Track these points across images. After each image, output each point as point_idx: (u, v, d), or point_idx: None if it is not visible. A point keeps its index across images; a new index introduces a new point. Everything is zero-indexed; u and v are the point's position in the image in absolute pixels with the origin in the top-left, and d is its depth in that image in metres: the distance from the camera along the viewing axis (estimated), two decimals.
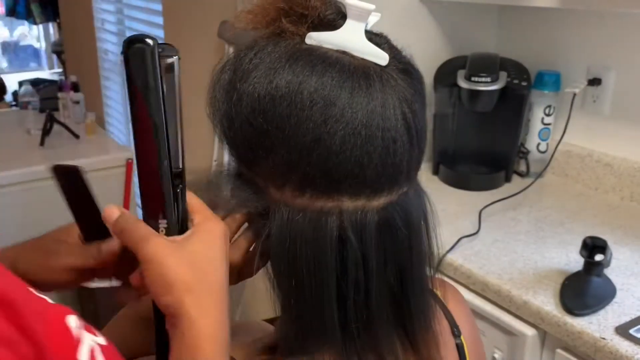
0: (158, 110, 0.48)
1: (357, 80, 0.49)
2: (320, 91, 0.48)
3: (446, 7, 1.67)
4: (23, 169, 2.34)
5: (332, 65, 0.49)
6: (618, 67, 1.52)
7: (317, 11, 0.52)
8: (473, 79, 1.53)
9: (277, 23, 0.52)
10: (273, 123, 0.49)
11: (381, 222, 0.51)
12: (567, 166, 1.63)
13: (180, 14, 2.37)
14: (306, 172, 0.49)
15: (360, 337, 0.53)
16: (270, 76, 0.50)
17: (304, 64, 0.49)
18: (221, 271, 0.49)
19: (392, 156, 0.50)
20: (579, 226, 1.36)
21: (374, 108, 0.48)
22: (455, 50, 1.72)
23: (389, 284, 0.53)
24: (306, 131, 0.48)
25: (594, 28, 1.55)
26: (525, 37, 1.73)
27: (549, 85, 1.59)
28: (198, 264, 0.48)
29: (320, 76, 0.48)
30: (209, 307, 0.47)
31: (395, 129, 0.50)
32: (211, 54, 2.14)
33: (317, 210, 0.50)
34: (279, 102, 0.49)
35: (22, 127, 2.82)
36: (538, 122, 1.62)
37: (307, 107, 0.48)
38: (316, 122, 0.48)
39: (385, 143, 0.49)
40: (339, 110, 0.48)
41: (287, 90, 0.48)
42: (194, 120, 2.51)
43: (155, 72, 0.47)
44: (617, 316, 1.02)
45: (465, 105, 1.61)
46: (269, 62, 0.50)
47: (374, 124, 0.48)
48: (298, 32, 0.51)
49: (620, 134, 1.54)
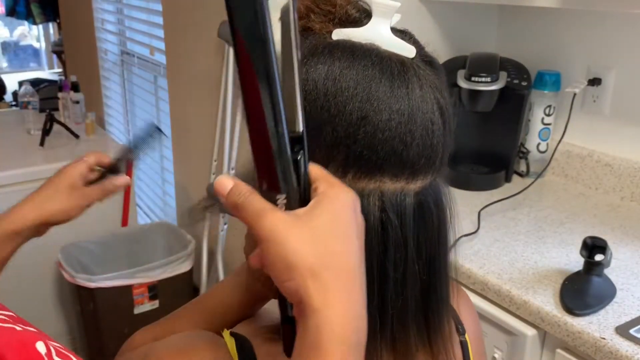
0: (267, 64, 0.39)
1: (396, 65, 0.51)
2: (363, 72, 0.49)
3: (446, 7, 1.67)
4: (23, 169, 2.34)
5: (370, 51, 0.51)
6: (618, 66, 1.52)
7: (343, 9, 0.53)
8: (473, 79, 1.53)
9: (304, 20, 0.54)
10: (317, 103, 0.50)
11: (417, 205, 0.52)
12: (567, 166, 1.63)
13: (180, 14, 2.37)
14: (352, 149, 0.50)
15: (394, 324, 0.53)
16: (309, 62, 0.51)
17: (343, 50, 0.51)
18: (352, 249, 0.42)
19: (430, 137, 0.51)
20: (579, 226, 1.36)
21: (413, 90, 0.50)
22: (455, 50, 1.72)
23: (420, 272, 0.54)
24: (353, 109, 0.49)
25: (594, 28, 1.55)
26: (525, 37, 1.73)
27: (549, 85, 1.59)
28: (324, 241, 0.41)
29: (362, 59, 0.50)
30: (336, 296, 0.40)
31: (432, 111, 0.52)
32: (211, 54, 2.14)
33: (359, 191, 0.50)
34: (323, 84, 0.50)
35: (22, 127, 2.82)
36: (538, 122, 1.62)
37: (352, 87, 0.49)
38: (362, 100, 0.49)
39: (425, 124, 0.51)
40: (383, 91, 0.49)
41: (330, 73, 0.50)
42: (195, 118, 2.51)
43: (263, 14, 0.39)
44: (617, 316, 1.02)
45: (465, 105, 1.61)
46: (304, 51, 0.52)
47: (415, 105, 0.50)
48: (325, 29, 0.53)
49: (621, 133, 1.54)
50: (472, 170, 1.66)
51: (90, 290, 2.09)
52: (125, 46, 3.13)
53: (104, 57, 3.33)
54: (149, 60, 2.84)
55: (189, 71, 2.38)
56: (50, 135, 2.61)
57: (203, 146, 2.32)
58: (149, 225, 2.57)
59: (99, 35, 3.31)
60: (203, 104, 2.29)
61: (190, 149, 2.53)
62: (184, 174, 2.64)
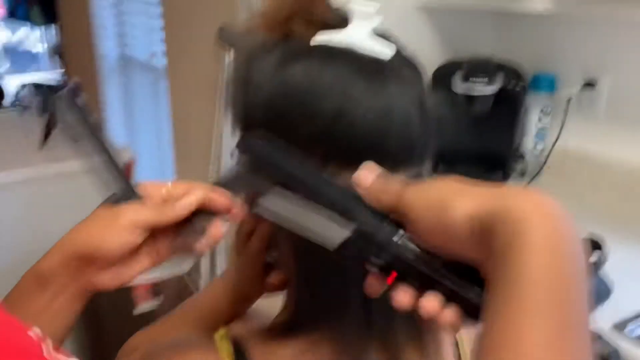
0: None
1: (371, 64, 0.52)
2: (339, 72, 0.51)
3: (442, 13, 1.69)
4: (23, 169, 2.36)
5: (345, 53, 0.52)
6: (613, 70, 1.53)
7: (324, 14, 0.55)
8: (470, 80, 1.55)
9: (286, 25, 0.55)
10: (295, 102, 0.51)
11: None
12: (563, 167, 1.65)
13: (179, 18, 2.38)
14: (331, 143, 0.51)
15: (382, 322, 0.54)
16: (288, 64, 0.52)
17: (319, 53, 0.52)
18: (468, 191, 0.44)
19: (409, 131, 0.52)
20: None
21: (389, 87, 0.52)
22: (451, 54, 1.74)
23: None
24: (329, 104, 0.50)
25: (589, 31, 1.57)
26: (521, 40, 1.74)
27: (544, 87, 1.61)
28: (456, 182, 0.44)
29: (338, 60, 0.52)
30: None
31: (409, 106, 0.53)
32: (210, 58, 2.16)
33: None
34: (300, 83, 0.51)
35: (23, 128, 2.83)
36: (534, 123, 1.64)
37: (328, 85, 0.51)
38: (339, 95, 0.50)
39: (402, 116, 0.52)
40: (358, 88, 0.51)
41: (307, 73, 0.51)
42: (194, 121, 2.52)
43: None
44: (613, 314, 1.03)
45: (462, 107, 1.62)
46: (284, 54, 0.53)
47: (391, 101, 0.52)
48: (307, 34, 0.54)
49: (615, 135, 1.55)
50: (468, 171, 1.67)
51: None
52: (125, 49, 3.14)
53: (104, 60, 3.35)
54: (149, 63, 2.86)
55: (189, 74, 2.40)
56: (50, 137, 2.62)
57: (203, 148, 2.33)
58: None
59: (99, 39, 3.32)
60: (203, 107, 2.31)
61: (190, 151, 2.55)
62: (184, 176, 2.66)
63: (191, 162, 2.55)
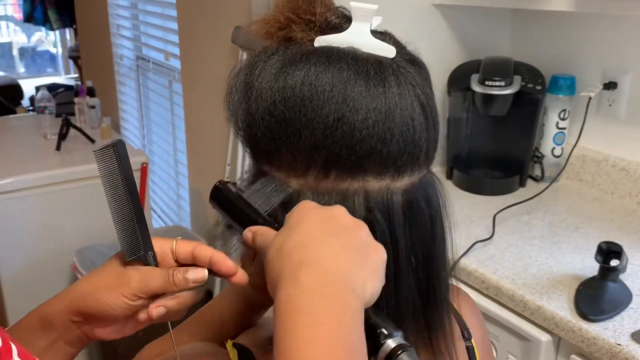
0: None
1: (372, 66, 0.52)
2: (338, 75, 0.50)
3: (459, 11, 1.67)
4: (39, 172, 2.37)
5: (346, 54, 0.52)
6: (634, 70, 1.50)
7: (323, 17, 0.54)
8: (487, 83, 1.53)
9: (286, 30, 0.55)
10: (295, 109, 0.51)
11: (406, 203, 0.53)
12: (582, 171, 1.62)
13: (194, 20, 2.38)
14: (331, 151, 0.50)
15: None
16: (287, 70, 0.52)
17: (319, 56, 0.52)
18: (309, 228, 0.50)
19: (411, 133, 0.52)
20: (594, 231, 1.35)
21: (390, 88, 0.51)
22: (468, 55, 1.72)
23: (416, 272, 0.54)
24: (329, 111, 0.50)
25: (609, 31, 1.54)
26: (540, 41, 1.72)
27: (563, 89, 1.58)
28: (289, 231, 0.50)
29: (337, 63, 0.51)
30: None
31: (412, 107, 0.52)
32: (225, 59, 2.16)
33: (342, 192, 0.51)
34: (300, 89, 0.51)
35: (39, 131, 2.85)
36: (553, 126, 1.61)
37: (328, 90, 0.50)
38: (338, 101, 0.50)
39: (404, 120, 0.51)
40: (358, 91, 0.50)
41: (307, 78, 0.51)
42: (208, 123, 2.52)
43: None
44: (632, 322, 1.01)
45: (479, 109, 1.60)
46: (284, 60, 0.53)
47: (392, 102, 0.51)
48: (307, 38, 0.54)
49: (637, 138, 1.52)
50: (486, 174, 1.65)
51: None
52: (141, 51, 3.16)
53: (120, 62, 3.36)
54: (164, 65, 2.87)
55: (204, 76, 2.40)
56: (66, 140, 2.64)
57: (217, 150, 2.33)
58: (164, 229, 2.59)
59: (115, 41, 3.34)
60: (217, 109, 2.30)
61: (204, 154, 2.55)
62: (198, 178, 2.66)
63: (205, 163, 2.55)
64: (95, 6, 3.46)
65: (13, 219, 2.33)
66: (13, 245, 2.35)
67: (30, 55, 7.50)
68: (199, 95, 2.47)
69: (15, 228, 2.35)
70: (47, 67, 7.52)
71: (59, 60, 7.48)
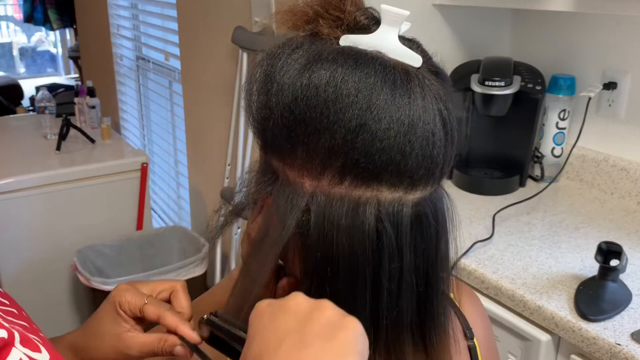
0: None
1: (399, 74, 0.50)
2: (365, 80, 0.49)
3: (459, 11, 1.67)
4: (40, 173, 2.37)
5: (374, 59, 0.50)
6: (634, 70, 1.51)
7: (352, 15, 0.53)
8: (487, 83, 1.53)
9: (313, 24, 0.54)
10: (317, 109, 0.50)
11: (414, 216, 0.52)
12: (582, 170, 1.62)
13: (194, 20, 2.38)
14: (349, 157, 0.49)
15: (388, 335, 0.53)
16: (312, 67, 0.51)
17: (347, 58, 0.50)
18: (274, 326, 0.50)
19: (430, 148, 0.51)
20: (594, 231, 1.35)
21: (415, 100, 0.50)
22: (468, 55, 1.72)
23: (417, 283, 0.53)
24: (352, 116, 0.49)
25: (609, 31, 1.54)
26: (540, 41, 1.72)
27: (563, 89, 1.58)
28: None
29: (364, 67, 0.50)
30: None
31: (434, 122, 0.51)
32: (225, 59, 2.16)
33: (355, 199, 0.50)
34: (324, 90, 0.50)
35: (39, 131, 2.85)
36: (552, 126, 1.61)
37: (353, 94, 0.49)
38: (362, 108, 0.49)
39: (426, 134, 0.50)
40: (384, 99, 0.49)
41: (332, 79, 0.50)
42: (208, 123, 2.52)
43: None
44: (632, 322, 1.01)
45: (479, 109, 1.61)
46: (309, 56, 0.52)
47: (416, 115, 0.50)
48: (333, 35, 0.53)
49: (637, 138, 1.52)
50: (486, 174, 1.65)
51: (105, 293, 2.10)
52: (141, 52, 3.16)
53: (120, 62, 3.37)
54: (164, 65, 2.87)
55: (204, 76, 2.40)
56: (66, 140, 2.64)
57: (217, 150, 2.33)
58: (164, 229, 2.58)
59: (115, 41, 3.34)
60: (217, 109, 2.31)
61: (204, 154, 2.55)
62: (198, 178, 2.66)
63: (206, 163, 2.55)
64: (95, 6, 3.46)
65: (13, 219, 2.33)
66: (13, 245, 2.35)
67: (31, 56, 7.50)
68: (199, 96, 2.47)
69: (15, 228, 2.35)
70: (47, 67, 7.52)
71: (59, 61, 7.48)
